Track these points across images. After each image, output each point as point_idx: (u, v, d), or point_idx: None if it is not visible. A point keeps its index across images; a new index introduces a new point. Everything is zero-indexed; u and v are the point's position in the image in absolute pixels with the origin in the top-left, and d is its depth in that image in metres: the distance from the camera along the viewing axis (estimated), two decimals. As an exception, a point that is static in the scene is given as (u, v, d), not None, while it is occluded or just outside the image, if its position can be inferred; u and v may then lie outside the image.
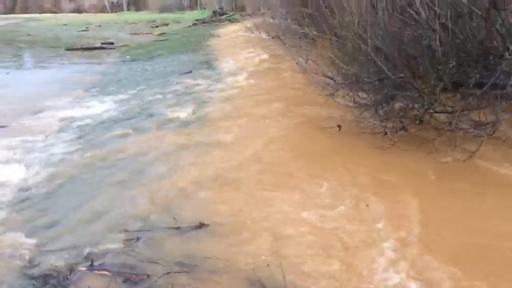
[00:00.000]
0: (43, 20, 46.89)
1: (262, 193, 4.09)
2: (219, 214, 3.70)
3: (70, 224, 3.90)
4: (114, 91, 10.47)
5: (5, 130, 7.41)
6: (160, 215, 3.84)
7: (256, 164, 4.80)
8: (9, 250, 3.55)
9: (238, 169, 4.70)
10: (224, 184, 4.34)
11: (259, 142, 5.49)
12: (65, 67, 15.35)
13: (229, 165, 4.86)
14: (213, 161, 5.01)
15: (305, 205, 3.79)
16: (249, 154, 5.11)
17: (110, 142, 6.39)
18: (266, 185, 4.25)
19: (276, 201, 3.91)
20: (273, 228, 3.46)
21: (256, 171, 4.61)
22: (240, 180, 4.40)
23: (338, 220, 3.51)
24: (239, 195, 4.06)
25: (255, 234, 3.39)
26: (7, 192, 4.91)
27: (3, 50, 20.86)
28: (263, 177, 4.44)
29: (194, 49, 17.37)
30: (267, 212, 3.72)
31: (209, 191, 4.22)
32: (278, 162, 4.86)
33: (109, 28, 34.60)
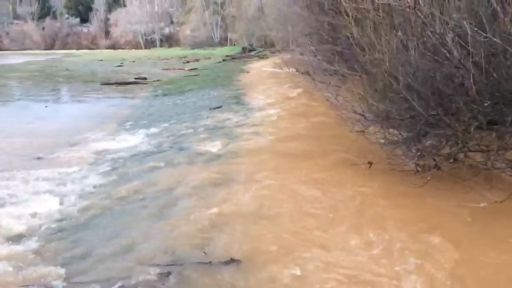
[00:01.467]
0: (80, 56, 49.06)
1: (292, 231, 4.06)
2: (250, 250, 3.68)
3: (102, 256, 3.95)
4: (147, 124, 10.73)
5: (43, 162, 7.66)
6: (190, 249, 3.86)
7: (287, 201, 4.79)
8: (41, 281, 3.62)
9: (269, 206, 4.70)
10: (256, 220, 4.34)
11: (289, 179, 5.49)
12: (101, 101, 15.90)
13: (260, 201, 4.86)
14: (244, 197, 5.02)
15: (335, 245, 3.73)
16: (280, 191, 5.11)
17: (142, 175, 6.51)
18: (296, 223, 4.22)
19: (306, 239, 3.87)
20: (304, 266, 3.42)
21: (287, 209, 4.59)
22: (272, 217, 4.39)
23: (365, 265, 3.43)
24: (271, 232, 4.04)
25: (286, 272, 3.35)
26: (42, 223, 5.03)
27: (43, 84, 21.86)
28: (293, 215, 4.42)
29: (224, 84, 17.74)
30: (298, 251, 3.68)
31: (240, 226, 4.22)
32: (308, 199, 4.84)
33: (142, 63, 35.85)
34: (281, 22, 18.44)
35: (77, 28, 68.84)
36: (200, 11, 59.24)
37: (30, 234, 4.70)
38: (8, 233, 4.69)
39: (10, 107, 15.16)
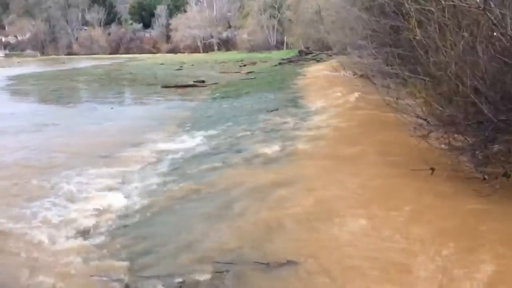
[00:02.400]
0: (142, 60, 51.08)
1: (349, 236, 4.01)
2: (307, 253, 3.68)
3: (164, 252, 4.11)
4: (205, 126, 10.99)
5: (108, 160, 8.06)
6: (248, 249, 3.92)
7: (344, 206, 4.74)
8: (107, 273, 3.82)
9: (327, 209, 4.67)
10: (313, 223, 4.33)
11: (347, 183, 5.42)
12: (161, 103, 16.49)
13: (317, 204, 4.84)
14: (301, 200, 5.02)
15: (395, 252, 3.64)
16: (337, 195, 5.06)
17: (201, 176, 6.68)
18: (354, 228, 4.16)
19: (364, 245, 3.81)
20: (362, 270, 3.37)
21: (344, 213, 4.54)
22: (329, 221, 4.36)
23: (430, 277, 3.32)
24: (328, 236, 4.01)
25: (344, 276, 3.32)
26: (108, 218, 5.31)
27: (108, 87, 23.03)
28: (350, 220, 4.36)
29: (280, 88, 17.80)
30: (355, 256, 3.63)
31: (297, 229, 4.23)
32: (366, 205, 4.75)
33: (201, 67, 36.75)
34: (338, 25, 18.24)
35: (140, 33, 71.83)
36: (257, 15, 59.85)
37: (97, 228, 4.98)
38: (77, 227, 5.00)
39: (79, 108, 16.12)
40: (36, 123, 12.19)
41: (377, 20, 10.63)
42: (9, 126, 11.71)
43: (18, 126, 11.64)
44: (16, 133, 10.74)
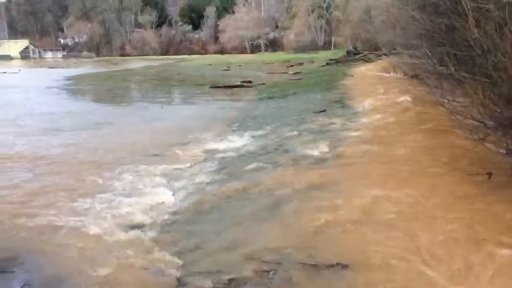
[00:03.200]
0: (191, 61, 52.23)
1: (399, 241, 3.92)
2: (357, 256, 3.64)
3: (212, 249, 4.20)
4: (252, 126, 11.08)
5: (159, 158, 8.31)
6: (295, 250, 3.92)
7: (393, 210, 4.63)
8: (160, 267, 3.95)
9: (376, 213, 4.58)
10: (362, 226, 4.26)
11: (396, 187, 5.29)
12: (209, 103, 16.80)
13: (365, 207, 4.76)
14: (349, 202, 4.95)
15: (446, 256, 3.52)
16: (386, 199, 4.95)
17: (248, 175, 6.74)
18: (404, 232, 4.06)
19: (414, 250, 3.71)
20: (410, 276, 3.28)
21: (394, 217, 4.44)
22: (379, 225, 4.28)
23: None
24: (377, 239, 3.94)
25: (393, 283, 3.25)
26: (159, 214, 5.48)
27: (159, 87, 23.72)
28: (400, 224, 4.26)
29: (328, 88, 17.63)
30: (406, 260, 3.55)
31: (346, 231, 4.18)
32: (417, 209, 4.62)
33: (248, 67, 37.09)
34: (389, 25, 17.82)
35: (189, 34, 73.47)
36: (305, 15, 59.59)
37: (149, 223, 5.16)
38: (130, 222, 5.20)
39: (132, 108, 16.72)
40: (91, 121, 12.77)
41: (431, 19, 10.30)
42: (67, 124, 12.34)
43: (75, 124, 12.24)
44: (73, 131, 11.29)
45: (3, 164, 8.08)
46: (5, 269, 4.11)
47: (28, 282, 3.82)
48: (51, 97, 19.76)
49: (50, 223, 5.15)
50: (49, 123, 12.63)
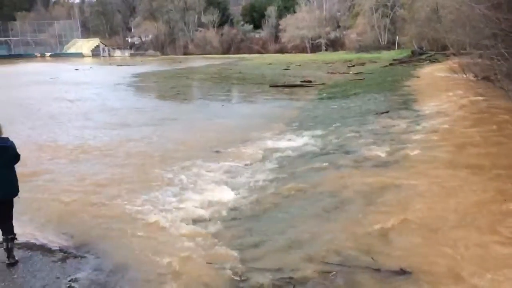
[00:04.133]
0: (251, 60, 52.62)
1: (470, 250, 3.73)
2: (421, 263, 3.51)
3: (273, 247, 4.22)
4: (312, 126, 11.00)
5: (220, 155, 8.47)
6: (358, 253, 3.85)
7: (461, 219, 4.42)
8: (221, 261, 4.03)
9: (440, 219, 4.40)
10: (427, 232, 4.11)
11: (463, 194, 5.04)
12: (269, 102, 16.85)
13: (431, 214, 4.58)
14: (413, 207, 4.79)
15: None
16: (451, 206, 4.74)
17: (308, 175, 6.70)
18: (476, 242, 3.85)
19: (483, 263, 3.51)
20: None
21: (463, 226, 4.23)
22: (444, 232, 4.10)
23: None
24: (445, 247, 3.78)
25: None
26: (220, 210, 5.59)
27: (220, 85, 24.14)
28: (469, 232, 4.06)
29: (391, 89, 17.11)
30: (474, 273, 3.37)
31: (410, 237, 4.05)
32: (489, 216, 4.37)
33: (308, 67, 36.79)
34: (459, 23, 16.94)
35: (250, 34, 74.08)
36: (368, 14, 58.15)
37: (210, 218, 5.28)
38: (193, 215, 5.35)
39: (194, 105, 17.17)
40: (156, 117, 13.26)
41: (506, 18, 9.71)
42: (134, 119, 12.91)
43: (141, 120, 12.78)
44: (140, 126, 11.79)
45: (77, 155, 8.60)
46: (78, 253, 4.38)
47: (99, 267, 4.04)
48: (119, 93, 20.73)
49: (119, 212, 5.42)
50: (117, 118, 13.28)
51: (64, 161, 8.22)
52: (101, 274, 3.90)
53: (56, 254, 4.35)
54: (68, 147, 9.30)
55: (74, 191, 6.43)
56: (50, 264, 4.11)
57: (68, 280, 3.76)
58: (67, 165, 7.90)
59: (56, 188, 6.63)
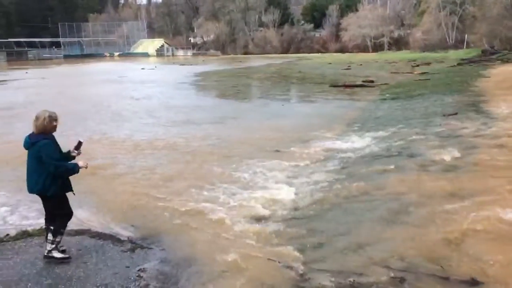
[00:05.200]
0: (311, 59, 52.24)
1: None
2: (495, 273, 3.32)
3: (335, 249, 4.17)
4: (374, 127, 10.73)
5: (280, 154, 8.49)
6: (423, 259, 3.71)
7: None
8: (282, 260, 4.04)
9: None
10: (500, 243, 3.88)
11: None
12: (329, 102, 16.65)
13: (502, 221, 4.33)
14: (484, 215, 4.54)
15: None
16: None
17: (371, 177, 6.55)
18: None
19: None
20: None
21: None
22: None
23: None
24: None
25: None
26: (280, 209, 5.61)
27: (279, 84, 24.20)
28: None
29: (459, 90, 16.28)
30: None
31: (482, 245, 3.84)
32: None
33: (369, 66, 35.91)
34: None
35: (310, 33, 73.52)
36: (435, 12, 55.72)
37: (271, 217, 5.31)
38: (253, 213, 5.41)
39: (254, 104, 17.33)
40: (217, 115, 13.54)
41: None
42: (196, 117, 13.27)
43: (203, 118, 13.11)
44: (201, 124, 12.11)
45: (143, 150, 9.00)
46: (145, 245, 4.57)
47: (165, 259, 4.20)
48: (182, 91, 21.38)
49: (183, 207, 5.60)
50: (180, 115, 13.71)
51: (131, 155, 8.63)
52: (167, 265, 4.05)
53: (125, 244, 4.57)
54: (135, 142, 9.75)
55: (141, 184, 6.73)
56: (120, 254, 4.32)
57: (137, 270, 3.94)
58: (135, 159, 8.28)
59: (125, 181, 6.98)
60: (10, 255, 4.30)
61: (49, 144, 3.90)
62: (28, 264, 4.07)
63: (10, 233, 4.94)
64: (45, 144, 3.87)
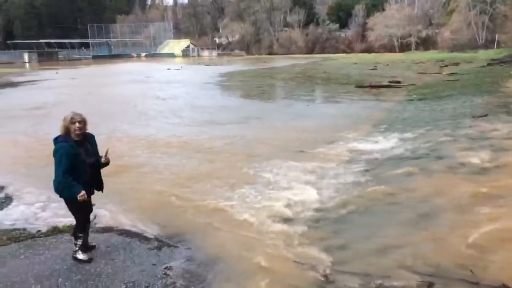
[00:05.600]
0: (336, 59, 51.83)
1: None
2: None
3: (360, 251, 4.13)
4: (401, 129, 10.57)
5: (304, 155, 8.45)
6: (451, 264, 3.64)
7: None
8: (309, 261, 4.02)
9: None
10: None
11: None
12: (354, 102, 16.47)
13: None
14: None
15: None
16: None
17: (397, 180, 6.46)
18: None
19: None
20: None
21: None
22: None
23: None
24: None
25: None
26: (305, 210, 5.58)
27: (304, 85, 24.09)
28: None
29: (489, 91, 15.87)
30: None
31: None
32: None
33: (396, 67, 35.37)
34: None
35: (336, 33, 72.96)
36: (465, 11, 54.44)
37: (296, 218, 5.29)
38: (278, 214, 5.39)
39: (278, 104, 17.30)
40: (242, 116, 13.59)
41: None
42: (221, 117, 13.35)
43: (227, 118, 13.18)
44: (226, 124, 12.17)
45: (168, 149, 9.12)
46: (171, 243, 4.63)
47: (190, 258, 4.25)
48: (207, 92, 21.53)
49: (208, 206, 5.65)
50: (205, 115, 13.82)
51: (158, 154, 8.75)
52: (193, 264, 4.09)
53: (151, 242, 4.65)
54: (161, 142, 9.89)
55: (167, 183, 6.82)
56: (146, 251, 4.40)
57: (163, 268, 4.00)
58: (161, 159, 8.40)
59: (151, 179, 7.08)
60: (41, 250, 4.44)
61: (61, 149, 3.86)
62: (58, 260, 4.19)
63: (41, 229, 5.10)
64: (58, 148, 3.87)
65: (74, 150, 3.90)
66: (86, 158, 3.99)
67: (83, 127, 3.97)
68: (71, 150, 3.88)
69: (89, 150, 4.04)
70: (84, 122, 3.99)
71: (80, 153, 3.94)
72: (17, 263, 4.17)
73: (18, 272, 3.96)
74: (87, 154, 4.01)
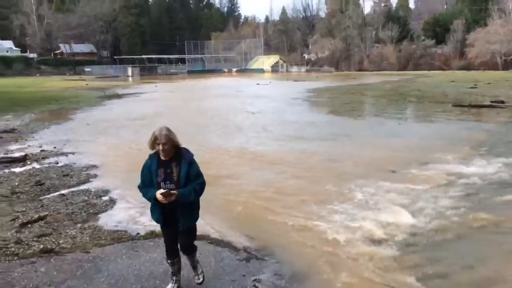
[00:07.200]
0: (431, 77, 49.38)
1: None
2: None
3: (458, 283, 3.88)
4: (505, 152, 9.76)
5: (396, 175, 8.13)
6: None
7: None
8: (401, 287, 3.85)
9: None
10: None
11: None
12: (451, 123, 15.52)
13: None
14: None
15: None
16: None
17: (500, 207, 5.98)
18: None
19: None
20: None
21: None
22: None
23: None
24: None
25: None
26: (397, 233, 5.35)
27: (396, 102, 23.27)
28: None
29: None
30: None
31: None
32: None
33: (499, 85, 32.79)
34: None
35: (431, 49, 69.62)
36: None
37: (388, 241, 5.09)
38: (369, 236, 5.23)
39: (368, 122, 16.87)
40: (330, 132, 13.46)
41: None
42: (309, 133, 13.35)
43: (316, 134, 13.14)
44: (314, 140, 12.13)
45: (259, 163, 9.29)
46: (259, 256, 4.71)
47: (278, 272, 4.28)
48: (296, 107, 21.67)
49: (297, 222, 5.66)
50: (293, 131, 13.91)
51: (247, 167, 8.97)
52: (281, 279, 4.11)
53: (240, 253, 4.76)
54: (250, 155, 10.12)
55: (255, 196, 6.95)
56: (236, 262, 4.51)
57: (253, 280, 4.07)
58: (250, 172, 8.59)
59: (239, 191, 7.27)
60: (141, 252, 4.75)
61: (144, 167, 3.62)
62: (156, 262, 4.45)
63: (140, 232, 5.46)
64: (143, 166, 3.64)
65: (150, 168, 3.59)
66: (162, 182, 3.49)
67: (168, 148, 3.49)
68: (146, 166, 3.63)
69: (170, 174, 3.49)
70: (170, 142, 3.48)
71: (158, 175, 3.52)
72: (120, 262, 4.50)
73: (120, 271, 4.27)
74: (166, 178, 3.49)
